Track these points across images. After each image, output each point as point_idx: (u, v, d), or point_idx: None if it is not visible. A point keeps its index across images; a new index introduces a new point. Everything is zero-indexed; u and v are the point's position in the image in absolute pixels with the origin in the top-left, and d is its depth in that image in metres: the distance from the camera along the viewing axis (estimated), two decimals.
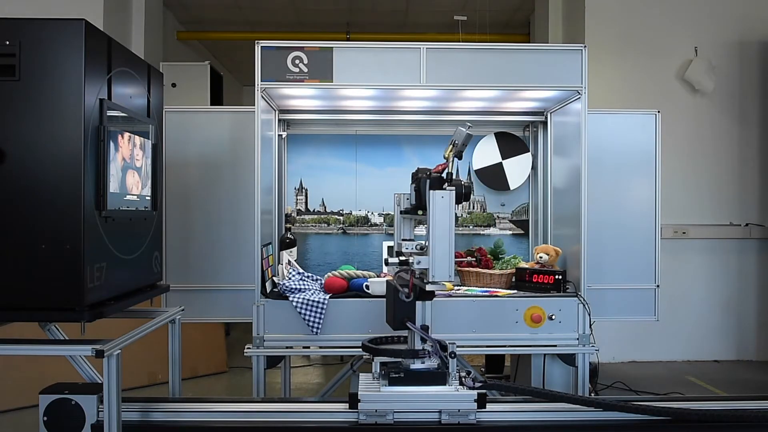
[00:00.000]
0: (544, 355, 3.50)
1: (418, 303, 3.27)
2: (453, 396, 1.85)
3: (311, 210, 4.13)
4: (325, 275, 3.52)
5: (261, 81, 3.31)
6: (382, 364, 1.97)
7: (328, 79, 3.35)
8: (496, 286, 3.58)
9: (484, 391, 1.85)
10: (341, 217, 4.15)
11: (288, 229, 4.01)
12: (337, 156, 4.13)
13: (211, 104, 5.72)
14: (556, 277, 3.43)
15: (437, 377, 1.90)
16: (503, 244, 3.93)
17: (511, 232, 4.21)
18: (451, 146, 2.16)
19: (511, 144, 4.14)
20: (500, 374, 4.64)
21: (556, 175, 3.92)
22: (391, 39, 6.38)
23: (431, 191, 1.95)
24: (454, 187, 2.01)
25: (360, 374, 2.09)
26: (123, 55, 2.57)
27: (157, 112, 2.96)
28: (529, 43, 7.38)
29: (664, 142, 5.56)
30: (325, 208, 4.14)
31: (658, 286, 3.76)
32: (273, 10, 7.57)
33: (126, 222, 2.53)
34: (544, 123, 4.06)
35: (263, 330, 3.27)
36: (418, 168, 2.23)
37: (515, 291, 3.51)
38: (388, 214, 4.16)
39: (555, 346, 3.36)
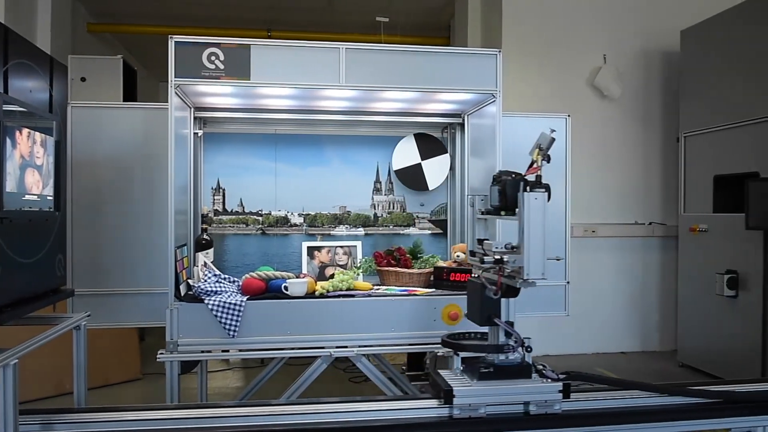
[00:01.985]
0: None
1: (339, 302, 3.29)
2: (540, 388, 1.92)
3: (229, 210, 4.04)
4: (243, 277, 3.45)
5: (175, 77, 3.21)
6: (464, 359, 2.05)
7: (246, 77, 3.28)
8: (415, 285, 3.62)
9: (569, 382, 1.93)
10: (260, 218, 4.08)
11: (204, 230, 3.91)
12: (257, 155, 4.06)
13: (125, 100, 5.48)
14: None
15: (522, 370, 1.97)
16: (422, 243, 3.98)
17: (430, 232, 4.27)
18: (537, 149, 2.16)
19: (430, 145, 4.20)
20: (422, 372, 4.70)
21: (472, 176, 4.01)
22: (313, 38, 6.34)
23: (525, 193, 1.98)
24: (544, 189, 2.05)
25: (439, 370, 2.12)
26: (22, 47, 2.42)
27: (61, 108, 2.81)
28: (449, 46, 7.52)
29: (576, 145, 5.82)
30: (243, 208, 4.06)
31: (568, 282, 3.92)
32: (190, 4, 7.35)
33: (25, 223, 2.39)
34: (462, 125, 4.15)
35: (177, 334, 3.16)
36: (500, 171, 2.25)
37: (433, 290, 3.56)
38: (309, 215, 4.13)
39: None
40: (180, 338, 3.17)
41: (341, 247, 3.97)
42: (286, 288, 3.32)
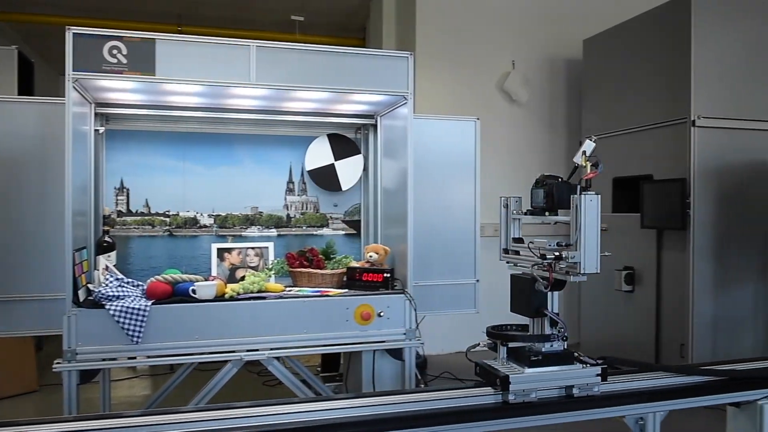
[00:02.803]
0: (374, 350, 3.60)
1: (250, 304, 3.23)
2: (582, 372, 2.14)
3: (133, 211, 3.87)
4: (148, 280, 3.32)
5: (73, 71, 3.04)
6: (510, 348, 2.22)
7: (150, 73, 3.16)
8: (328, 286, 3.62)
9: (605, 366, 2.17)
10: (167, 219, 3.94)
11: (106, 232, 3.72)
12: (163, 154, 3.92)
13: (20, 94, 5.15)
14: (385, 275, 3.55)
15: (565, 357, 2.18)
16: (335, 244, 3.98)
17: (343, 232, 4.28)
18: (583, 156, 2.28)
19: (343, 145, 4.21)
20: (336, 372, 4.70)
21: (385, 177, 4.06)
22: (227, 35, 6.19)
23: (582, 195, 2.14)
24: (596, 192, 2.21)
25: (484, 360, 2.26)
26: None
27: None
28: (364, 47, 7.56)
29: (486, 147, 6.01)
30: (149, 209, 3.91)
31: (477, 280, 4.04)
32: None
33: None
34: (375, 126, 4.18)
35: (75, 342, 3.00)
36: (543, 174, 2.42)
37: (346, 290, 3.57)
38: (219, 215, 4.03)
39: (384, 342, 3.47)
40: (79, 346, 3.01)
41: (253, 248, 3.90)
42: (193, 291, 3.23)
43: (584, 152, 2.27)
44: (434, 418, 2.12)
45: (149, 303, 3.09)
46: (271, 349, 3.30)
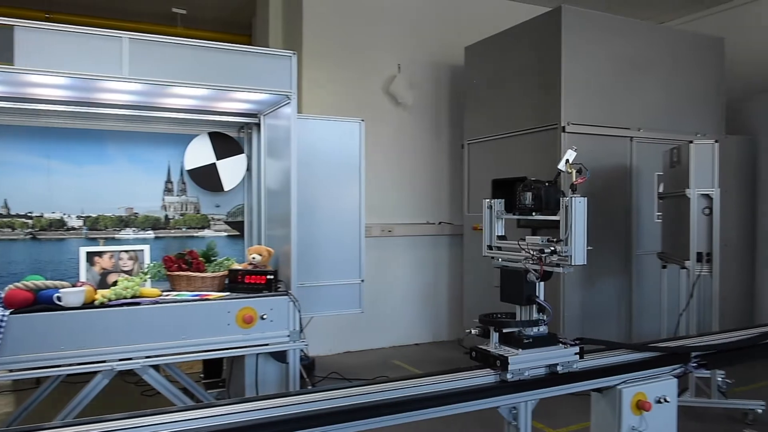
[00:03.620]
0: (257, 354, 3.53)
1: (122, 311, 3.04)
2: (564, 352, 2.39)
3: None
4: (6, 288, 3.04)
5: None
6: (502, 333, 2.44)
7: (8, 62, 2.90)
8: (209, 290, 3.50)
9: (582, 345, 2.44)
10: (30, 221, 3.63)
11: None
12: (24, 150, 3.61)
13: None
14: (268, 277, 3.49)
15: (550, 339, 2.41)
16: (216, 245, 3.86)
17: (226, 234, 4.16)
18: (567, 163, 2.49)
19: (225, 144, 4.09)
20: (219, 378, 4.55)
21: (269, 177, 3.99)
22: (101, 24, 5.84)
23: (572, 198, 2.39)
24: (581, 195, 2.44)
25: (479, 346, 2.46)
26: None
27: None
28: (250, 45, 7.40)
29: (374, 149, 6.11)
30: (8, 210, 3.58)
31: (362, 280, 4.07)
32: None
33: None
34: (258, 125, 4.10)
35: None
36: (529, 179, 2.67)
37: (228, 293, 3.47)
38: (89, 217, 3.78)
39: (267, 345, 3.41)
40: None
41: (126, 251, 3.69)
42: (58, 299, 3.00)
43: (567, 160, 2.51)
44: (320, 419, 2.14)
45: (7, 312, 2.83)
46: (147, 358, 3.14)
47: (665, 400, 2.49)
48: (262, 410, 2.19)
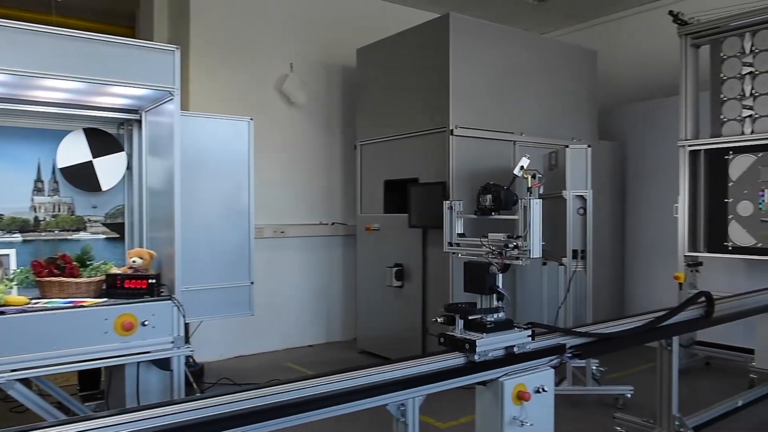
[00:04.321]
0: (138, 363, 3.34)
1: None
2: (520, 335, 2.65)
3: None
4: None
5: None
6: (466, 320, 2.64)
7: None
8: (84, 296, 3.27)
9: (533, 329, 2.72)
10: None
11: None
12: None
13: None
14: (150, 281, 3.31)
15: (507, 324, 2.65)
16: (92, 249, 3.61)
17: (105, 236, 3.91)
18: (522, 170, 2.85)
19: (103, 141, 3.84)
20: (97, 390, 4.27)
21: (151, 176, 3.80)
22: None
23: (531, 199, 2.77)
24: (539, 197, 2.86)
25: (446, 332, 2.64)
26: None
27: None
28: (133, 37, 7.02)
29: (266, 149, 6.00)
30: None
31: (252, 282, 3.98)
32: None
33: None
34: (139, 122, 3.89)
35: None
36: (488, 183, 3.04)
37: (105, 299, 3.26)
38: None
39: (149, 352, 3.24)
40: None
41: None
42: None
43: (522, 167, 2.88)
44: (204, 426, 2.08)
45: None
46: (13, 371, 2.88)
47: (543, 390, 2.61)
48: (142, 420, 2.06)
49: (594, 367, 4.67)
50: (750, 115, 5.10)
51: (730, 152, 5.19)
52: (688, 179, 5.41)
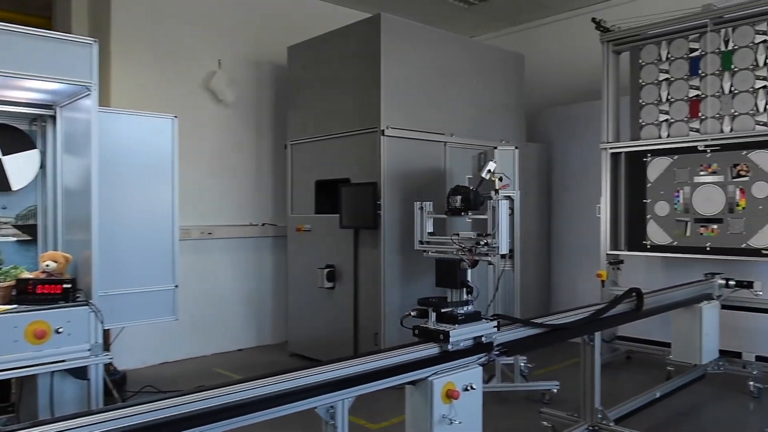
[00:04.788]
0: (52, 372, 3.17)
1: None
2: (486, 326, 2.84)
3: None
4: None
5: None
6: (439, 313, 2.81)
7: None
8: None
9: (498, 321, 2.93)
10: None
11: None
12: None
13: None
14: (65, 286, 3.15)
15: (475, 316, 2.82)
16: (1, 253, 3.40)
17: (15, 239, 3.68)
18: (489, 173, 3.15)
19: (13, 138, 3.62)
20: (8, 403, 4.02)
21: (68, 176, 3.61)
22: None
23: (498, 200, 3.05)
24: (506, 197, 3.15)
25: (420, 325, 2.82)
26: None
27: None
28: (50, 29, 6.67)
29: (192, 147, 5.84)
30: None
31: (176, 286, 3.85)
32: None
33: None
34: (54, 118, 3.70)
35: None
36: (458, 185, 3.24)
37: (15, 306, 3.07)
38: None
39: (64, 361, 3.08)
40: None
41: None
42: None
43: (489, 170, 3.21)
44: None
45: None
46: None
47: (472, 388, 2.66)
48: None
49: (522, 364, 4.80)
50: (666, 120, 5.38)
51: (648, 155, 5.46)
52: (610, 181, 5.65)
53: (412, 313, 2.91)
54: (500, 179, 3.24)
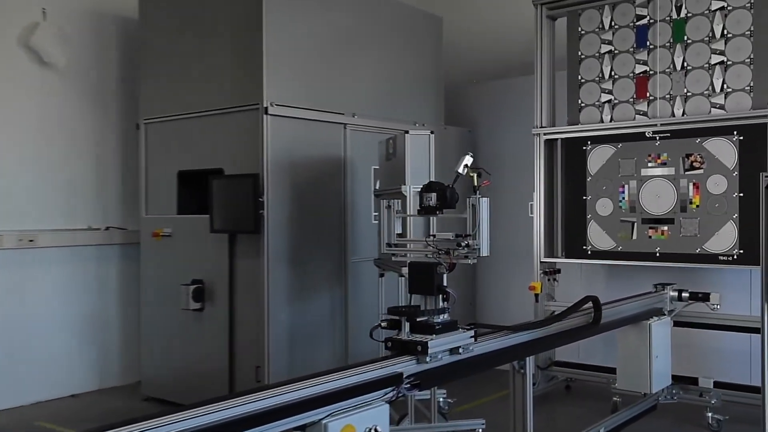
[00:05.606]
0: None
1: None
2: (463, 336, 3.18)
3: None
4: None
5: None
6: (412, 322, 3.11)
7: None
8: None
9: (475, 330, 3.28)
10: None
11: None
12: None
13: None
14: None
15: (452, 325, 3.15)
16: None
17: None
18: (465, 168, 3.48)
19: None
20: None
21: None
22: None
23: (481, 198, 3.39)
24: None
25: (393, 337, 3.12)
26: None
27: None
28: None
29: (5, 124, 5.51)
30: None
31: None
32: None
33: None
34: None
35: None
36: (432, 181, 3.63)
37: None
38: None
39: None
40: None
41: None
42: None
43: (466, 165, 3.51)
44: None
45: None
46: None
47: (377, 431, 2.65)
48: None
49: (441, 399, 4.87)
50: (609, 101, 5.65)
51: (588, 142, 5.71)
52: (544, 173, 5.86)
53: (382, 324, 3.20)
54: (479, 175, 3.48)
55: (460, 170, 3.55)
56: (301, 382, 2.65)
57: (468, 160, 3.55)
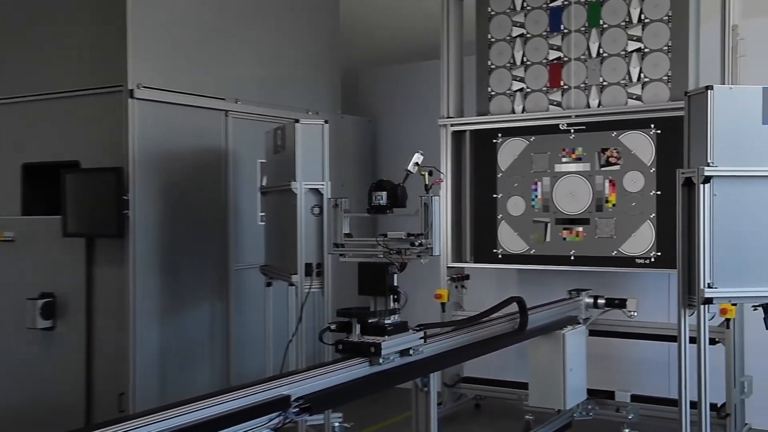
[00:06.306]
0: None
1: None
2: (415, 337, 3.56)
3: None
4: None
5: None
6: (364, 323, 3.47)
7: None
8: None
9: (425, 330, 3.64)
10: None
11: None
12: None
13: None
14: None
15: (403, 326, 3.51)
16: None
17: None
18: (416, 166, 3.78)
19: None
20: None
21: None
22: None
23: (433, 197, 3.72)
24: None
25: (344, 339, 3.44)
26: None
27: None
28: None
29: None
30: None
31: None
32: None
33: None
34: None
35: None
36: (381, 180, 3.89)
37: None
38: None
39: None
40: None
41: None
42: None
43: (416, 163, 3.78)
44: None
45: None
46: None
47: None
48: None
49: (336, 423, 4.88)
50: (521, 89, 5.84)
51: (499, 135, 5.86)
52: (452, 168, 6.00)
53: (331, 327, 3.56)
54: (430, 173, 3.81)
55: (410, 168, 3.84)
56: (171, 410, 2.62)
57: (418, 158, 3.84)
